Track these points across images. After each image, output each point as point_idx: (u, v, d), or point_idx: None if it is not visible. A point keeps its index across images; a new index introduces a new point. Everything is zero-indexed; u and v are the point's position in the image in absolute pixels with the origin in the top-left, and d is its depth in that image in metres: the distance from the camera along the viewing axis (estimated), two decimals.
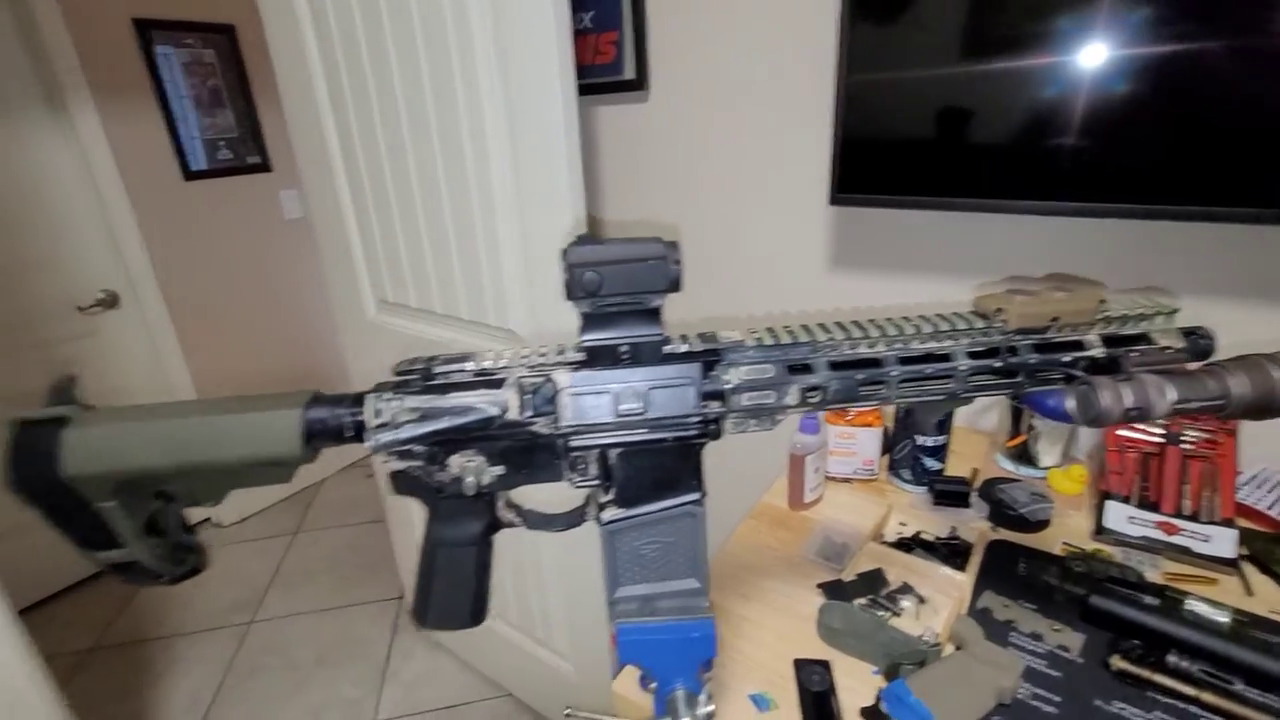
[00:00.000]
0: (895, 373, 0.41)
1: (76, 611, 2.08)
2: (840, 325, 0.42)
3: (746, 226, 1.05)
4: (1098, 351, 0.42)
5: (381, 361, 1.40)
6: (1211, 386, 0.39)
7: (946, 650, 0.61)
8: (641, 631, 0.46)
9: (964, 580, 0.69)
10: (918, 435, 0.81)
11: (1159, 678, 0.56)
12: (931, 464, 0.82)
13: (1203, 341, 0.43)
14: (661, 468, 0.43)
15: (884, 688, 0.56)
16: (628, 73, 1.08)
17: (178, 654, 1.92)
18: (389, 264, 1.38)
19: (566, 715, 0.64)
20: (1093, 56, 0.69)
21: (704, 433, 0.42)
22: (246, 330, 2.43)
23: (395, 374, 0.40)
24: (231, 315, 2.39)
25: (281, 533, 2.42)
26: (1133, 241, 0.81)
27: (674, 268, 0.37)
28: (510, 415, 0.40)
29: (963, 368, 0.41)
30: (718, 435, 0.42)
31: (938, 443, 0.82)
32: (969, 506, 0.79)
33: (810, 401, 0.41)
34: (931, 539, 0.75)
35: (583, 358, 0.40)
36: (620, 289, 0.38)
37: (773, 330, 0.42)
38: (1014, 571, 0.70)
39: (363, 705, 1.73)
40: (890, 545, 0.75)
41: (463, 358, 0.40)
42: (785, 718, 0.57)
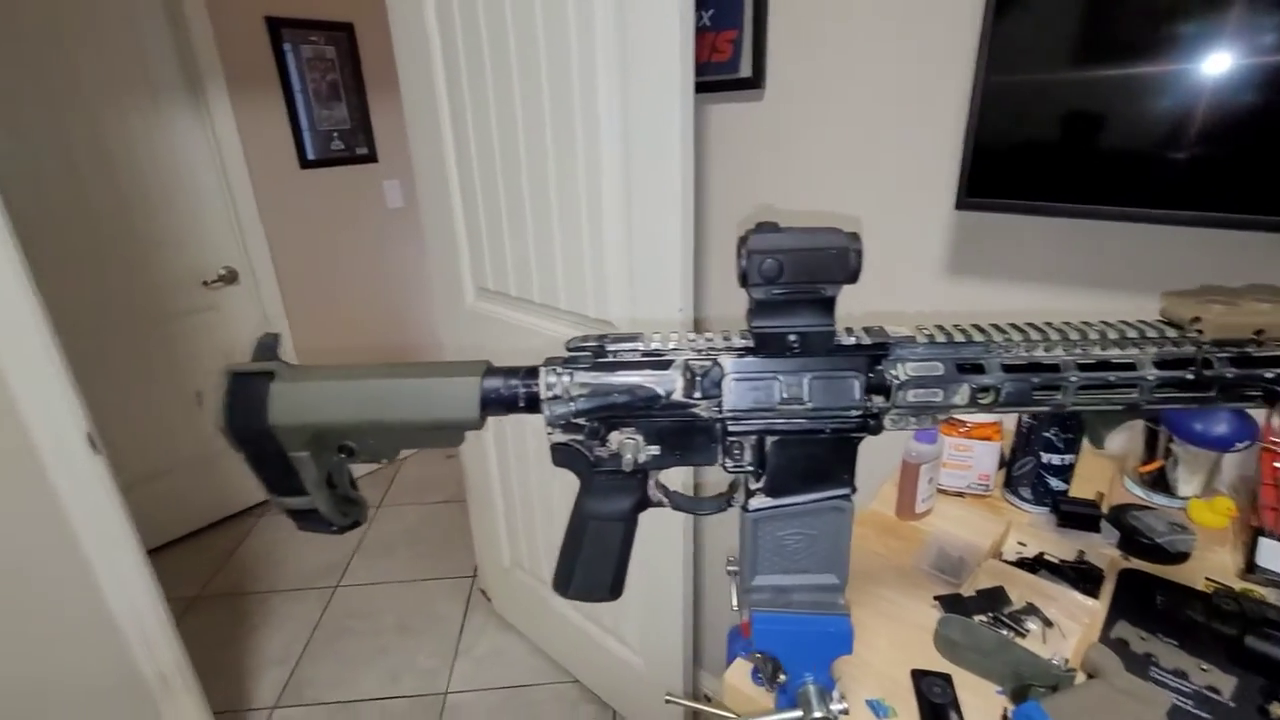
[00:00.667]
0: (1074, 379, 0.40)
1: (185, 562, 2.26)
2: (1015, 326, 0.41)
3: (859, 228, 1.03)
4: None
5: (478, 345, 1.46)
6: None
7: (1079, 678, 0.58)
8: (779, 622, 0.46)
9: (1096, 607, 0.65)
10: (1043, 453, 0.77)
11: None
12: (1056, 484, 0.78)
13: None
14: (815, 459, 0.43)
15: (1014, 709, 0.54)
16: (744, 71, 1.08)
17: (271, 609, 2.06)
18: (492, 253, 1.44)
19: (666, 701, 0.64)
20: (1219, 63, 0.64)
21: (864, 426, 0.41)
22: (347, 309, 2.57)
23: (568, 350, 0.42)
24: (334, 295, 2.54)
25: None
26: None
27: (855, 259, 0.37)
28: (675, 396, 0.41)
29: (1149, 378, 0.39)
30: (878, 430, 0.42)
31: (1065, 462, 0.78)
32: (1098, 531, 0.75)
33: (980, 402, 0.40)
34: (1057, 561, 0.72)
35: (750, 344, 0.41)
36: (798, 277, 0.38)
37: (944, 328, 0.41)
38: (1151, 604, 0.66)
39: (437, 675, 1.80)
40: (1011, 564, 0.72)
41: (632, 338, 0.42)
42: None
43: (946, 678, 0.59)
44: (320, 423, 0.42)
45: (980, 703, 0.57)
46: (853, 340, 0.41)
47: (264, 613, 2.04)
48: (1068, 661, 0.60)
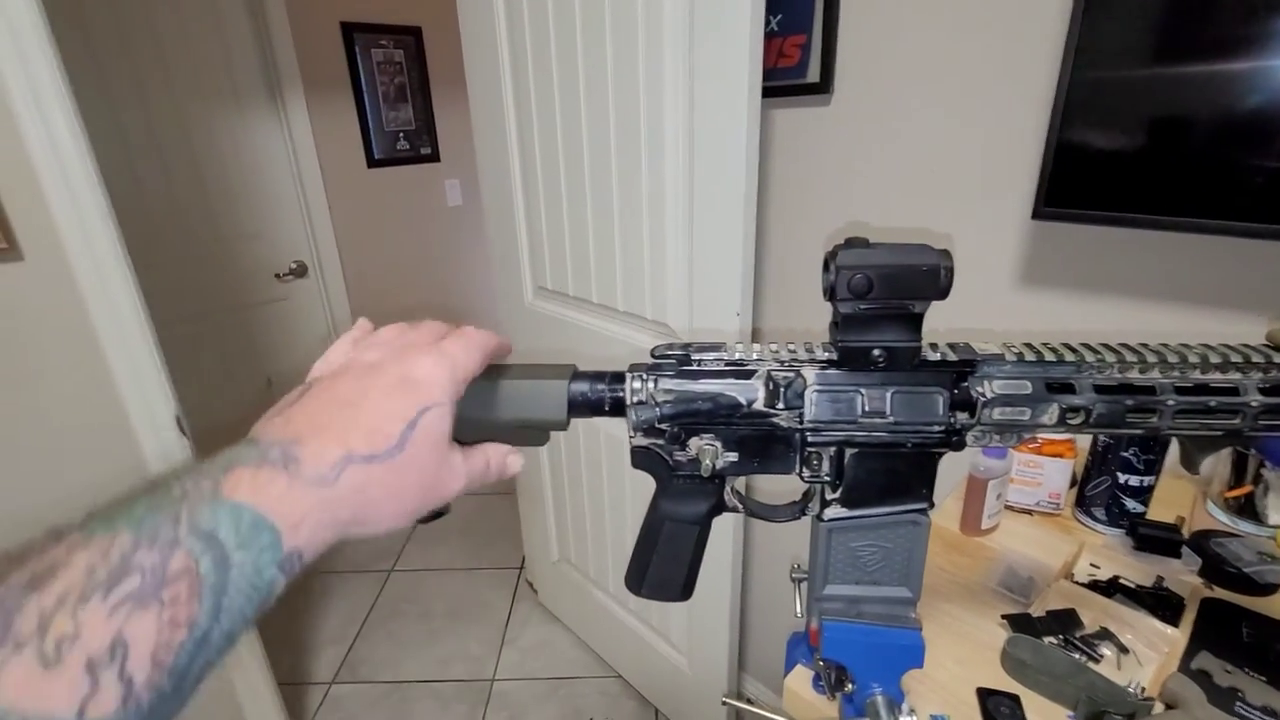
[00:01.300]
0: (1171, 402, 0.39)
1: None
2: (1109, 346, 0.40)
3: (929, 237, 1.01)
4: None
5: (534, 343, 1.49)
6: None
7: (1158, 708, 0.56)
8: (850, 632, 0.46)
9: (1176, 636, 0.63)
10: (1120, 473, 0.75)
11: None
12: (1133, 505, 0.76)
13: None
14: (894, 472, 0.43)
15: None
16: (811, 75, 1.07)
17: (330, 588, 2.16)
18: (551, 253, 1.47)
19: (723, 703, 0.65)
20: None
21: (946, 442, 0.41)
22: (408, 303, 2.67)
23: (653, 357, 0.43)
24: (396, 289, 2.63)
25: None
26: None
27: (946, 276, 0.38)
28: (756, 405, 0.42)
29: (1253, 404, 0.38)
30: (961, 446, 0.42)
31: (1144, 483, 0.75)
32: (1178, 557, 0.72)
33: (1070, 423, 0.40)
34: (1133, 586, 0.69)
35: (834, 357, 0.41)
36: (887, 293, 0.38)
37: (1033, 346, 0.41)
38: (1237, 636, 0.63)
39: (484, 663, 1.85)
40: (1083, 586, 0.70)
41: (716, 347, 0.43)
42: None
43: (1015, 699, 0.58)
44: None
45: None
46: (938, 356, 0.41)
47: (323, 591, 2.14)
48: (1145, 690, 0.58)
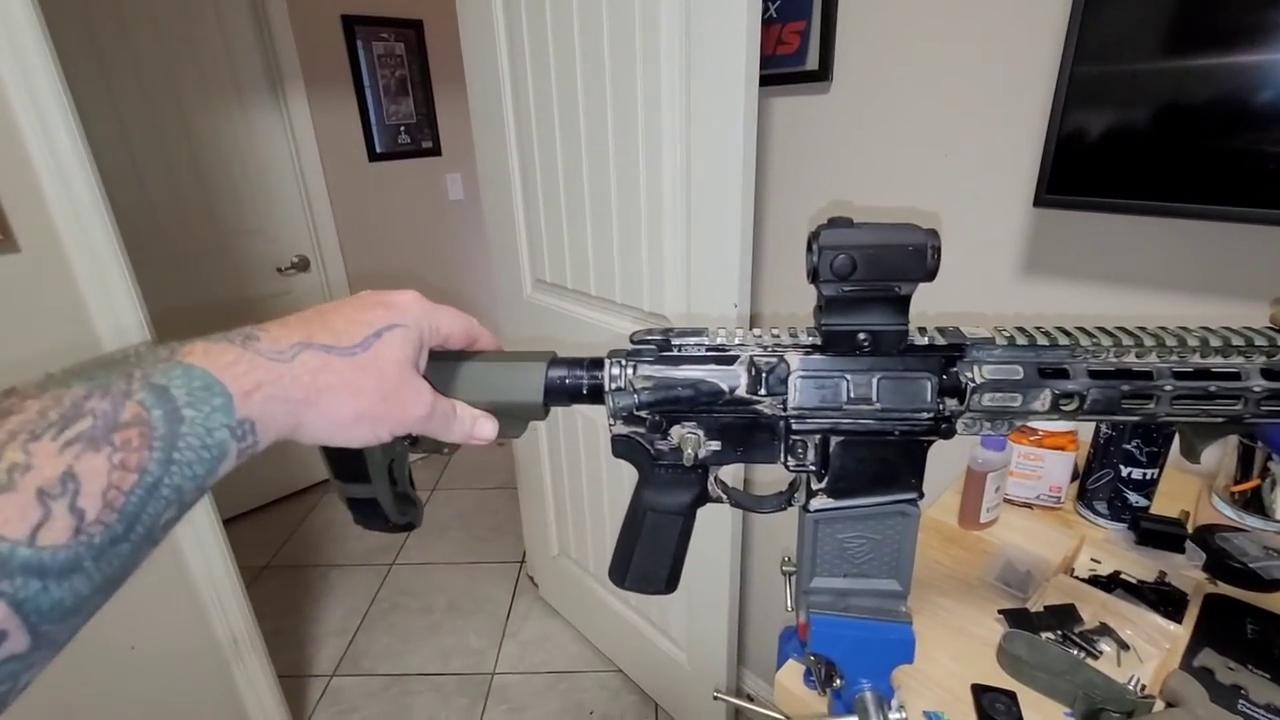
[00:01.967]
0: (1169, 388, 0.37)
1: (254, 533, 2.40)
2: (1105, 330, 0.39)
3: (915, 217, 1.00)
4: None
5: (534, 335, 1.48)
6: None
7: (1158, 705, 0.54)
8: (838, 626, 0.45)
9: (1178, 632, 0.61)
10: (1123, 466, 0.73)
11: None
12: (1136, 499, 0.74)
13: None
14: (882, 461, 0.42)
15: None
16: (810, 63, 1.05)
17: (332, 582, 2.16)
18: (550, 246, 1.46)
19: (715, 698, 0.64)
20: None
21: (935, 430, 0.40)
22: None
23: (633, 342, 0.42)
24: (398, 283, 2.61)
25: (421, 488, 2.64)
26: None
27: (933, 256, 0.36)
28: (739, 392, 0.40)
29: (1256, 389, 0.37)
30: (950, 434, 0.40)
31: (1147, 476, 0.73)
32: (1182, 552, 0.70)
33: (1063, 409, 0.38)
34: (1135, 581, 0.68)
35: (818, 341, 0.40)
36: (871, 275, 0.37)
37: (1025, 330, 0.39)
38: (1241, 632, 0.61)
39: (485, 656, 1.85)
40: (1083, 581, 0.68)
41: (697, 332, 0.41)
42: None
43: (1011, 695, 0.57)
44: None
45: None
46: (926, 340, 0.39)
47: (325, 585, 2.15)
48: (1145, 687, 0.57)
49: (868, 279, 0.37)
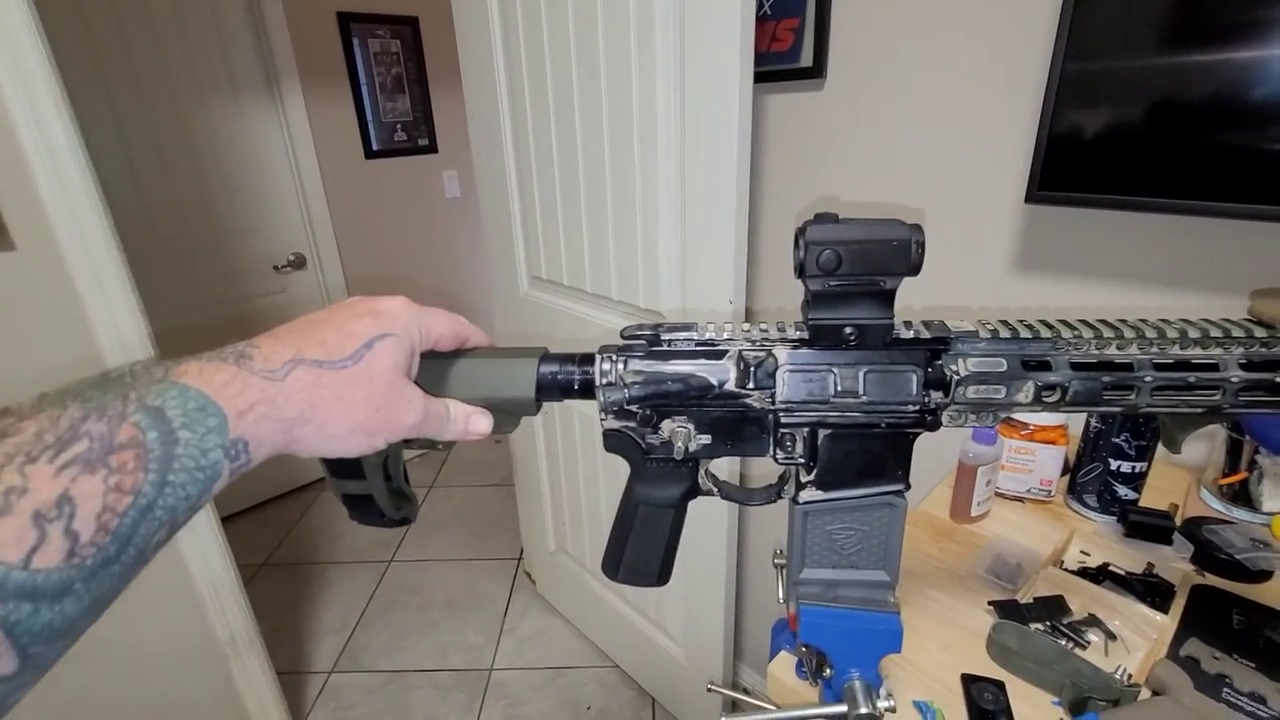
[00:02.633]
0: (1149, 379, 0.38)
1: (252, 531, 2.40)
2: (1086, 323, 0.40)
3: (923, 221, 1.00)
4: None
5: (531, 332, 1.49)
6: None
7: (1144, 694, 0.55)
8: (827, 616, 0.46)
9: (1165, 622, 0.62)
10: (1112, 459, 0.74)
11: None
12: (1125, 492, 0.75)
13: None
14: (869, 453, 0.42)
15: None
16: (804, 60, 1.06)
17: (330, 579, 2.17)
18: (546, 243, 1.46)
19: (709, 690, 0.65)
20: None
21: (921, 422, 0.41)
22: (406, 294, 2.66)
23: (623, 338, 0.42)
24: (395, 281, 2.63)
25: (418, 485, 2.64)
26: None
27: (917, 250, 0.37)
28: (728, 386, 0.41)
29: (1234, 380, 0.37)
30: (936, 426, 0.41)
31: (1136, 470, 0.74)
32: (1169, 544, 0.71)
33: (1046, 400, 0.39)
34: (1123, 573, 0.68)
35: (805, 336, 0.40)
36: (857, 269, 0.37)
37: (1008, 323, 0.40)
38: (1226, 622, 0.62)
39: (483, 652, 1.86)
40: (1072, 573, 0.69)
41: (687, 327, 0.42)
42: None
43: (999, 684, 0.58)
44: None
45: (1034, 712, 0.56)
46: (912, 334, 0.40)
47: (323, 582, 2.15)
48: (1131, 676, 0.57)
49: (853, 274, 0.37)
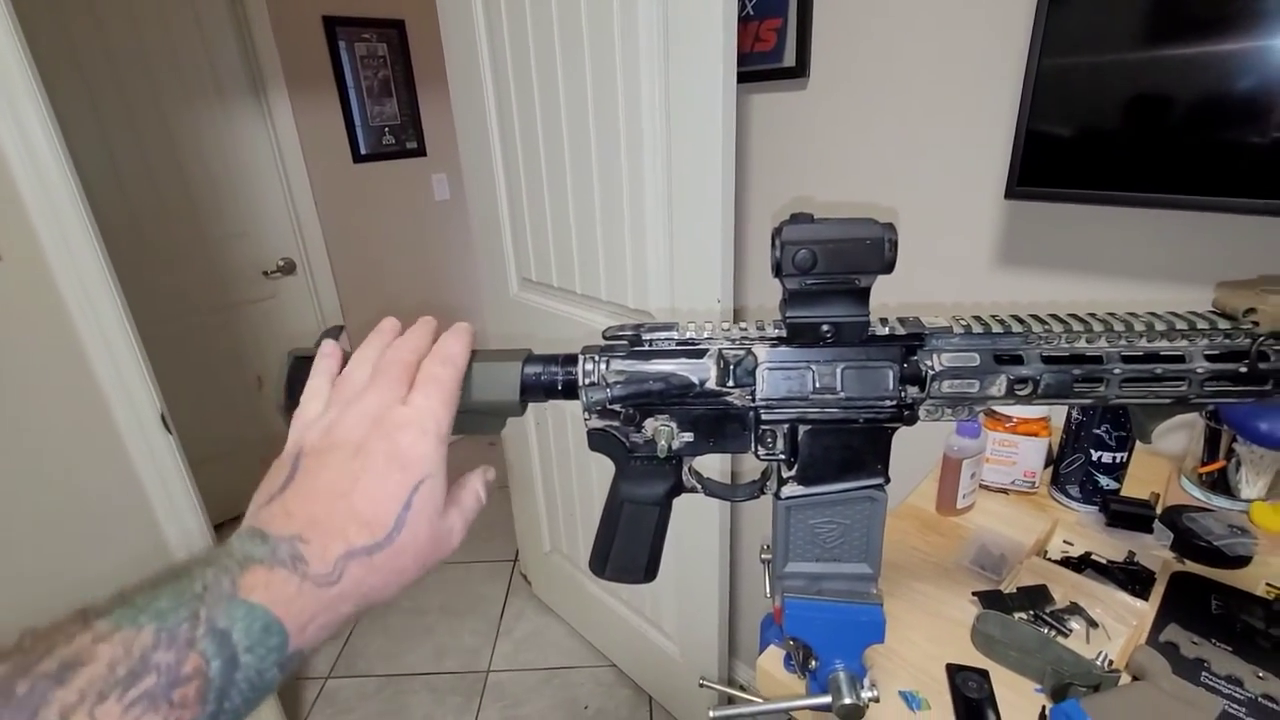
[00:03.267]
0: (1118, 371, 0.39)
1: None
2: (1057, 318, 0.41)
3: (906, 218, 1.01)
4: None
5: (521, 334, 1.49)
6: None
7: (1124, 679, 0.56)
8: (811, 609, 0.47)
9: (1145, 609, 0.63)
10: (1094, 450, 0.75)
11: None
12: (1107, 482, 0.76)
13: None
14: (848, 448, 0.43)
15: (1053, 706, 0.54)
16: (788, 60, 1.07)
17: None
18: (535, 244, 1.47)
19: (700, 685, 0.66)
20: None
21: (898, 417, 0.42)
22: (397, 298, 2.66)
23: (605, 338, 0.43)
24: (385, 284, 2.63)
25: None
26: None
27: (890, 249, 0.37)
28: (708, 385, 0.42)
29: (1199, 371, 0.38)
30: (913, 421, 0.42)
31: (1116, 460, 0.75)
32: (1150, 532, 0.72)
33: (1018, 394, 0.40)
34: (1104, 562, 0.70)
35: (783, 334, 0.41)
36: (832, 268, 0.38)
37: (981, 319, 0.41)
38: (1205, 608, 0.64)
39: (479, 654, 1.86)
40: (1055, 562, 0.70)
41: (668, 327, 0.42)
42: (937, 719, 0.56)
43: (983, 673, 0.59)
44: None
45: (1018, 699, 0.57)
46: (887, 330, 0.41)
47: None
48: (1112, 663, 0.59)
49: (828, 272, 0.38)
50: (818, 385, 0.41)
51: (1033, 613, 0.64)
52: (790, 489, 0.45)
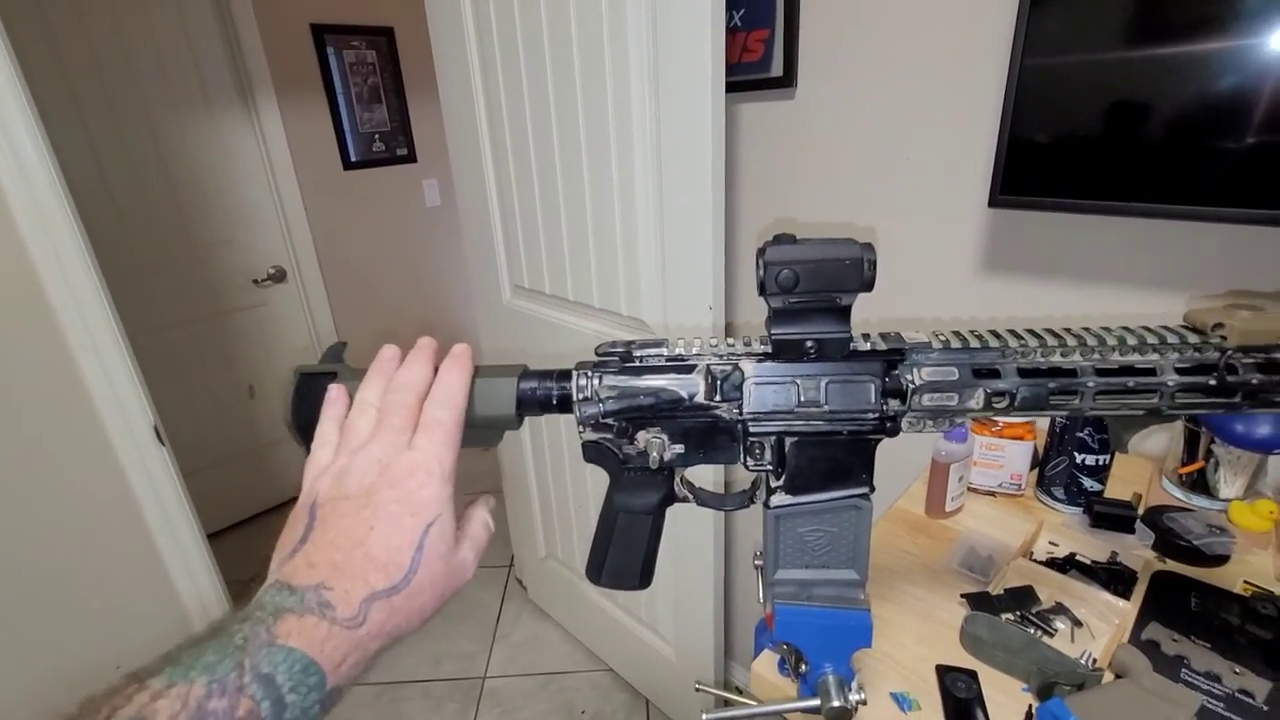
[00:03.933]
0: (1092, 384, 0.40)
1: (239, 547, 2.38)
2: (1033, 332, 0.42)
3: (891, 227, 1.03)
4: None
5: (514, 341, 1.50)
6: None
7: (1107, 677, 0.58)
8: (800, 614, 0.48)
9: (1127, 608, 0.65)
10: (1077, 453, 0.77)
11: None
12: (1090, 484, 0.78)
13: None
14: (834, 459, 0.44)
15: (1039, 705, 0.55)
16: (775, 70, 1.08)
17: None
18: (527, 252, 1.47)
19: (696, 689, 0.67)
20: None
21: (880, 429, 0.43)
22: (389, 306, 2.66)
23: (597, 355, 0.44)
24: (377, 292, 2.63)
25: None
26: None
27: (869, 269, 0.39)
28: (697, 399, 0.43)
29: (1170, 383, 0.40)
30: (895, 433, 0.43)
31: (1099, 462, 0.77)
32: (1132, 532, 0.74)
33: (995, 406, 0.41)
34: (1088, 562, 0.71)
35: (768, 350, 0.42)
36: (814, 287, 0.39)
37: (960, 334, 0.42)
38: (1185, 606, 0.65)
39: (476, 660, 1.87)
40: (1041, 564, 0.72)
41: (657, 343, 0.44)
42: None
43: (972, 674, 0.60)
44: None
45: (1005, 699, 0.58)
46: (869, 346, 0.42)
47: None
48: (1096, 661, 0.60)
49: (810, 291, 0.39)
50: (803, 399, 0.42)
51: (1019, 613, 0.65)
52: (778, 498, 0.46)
